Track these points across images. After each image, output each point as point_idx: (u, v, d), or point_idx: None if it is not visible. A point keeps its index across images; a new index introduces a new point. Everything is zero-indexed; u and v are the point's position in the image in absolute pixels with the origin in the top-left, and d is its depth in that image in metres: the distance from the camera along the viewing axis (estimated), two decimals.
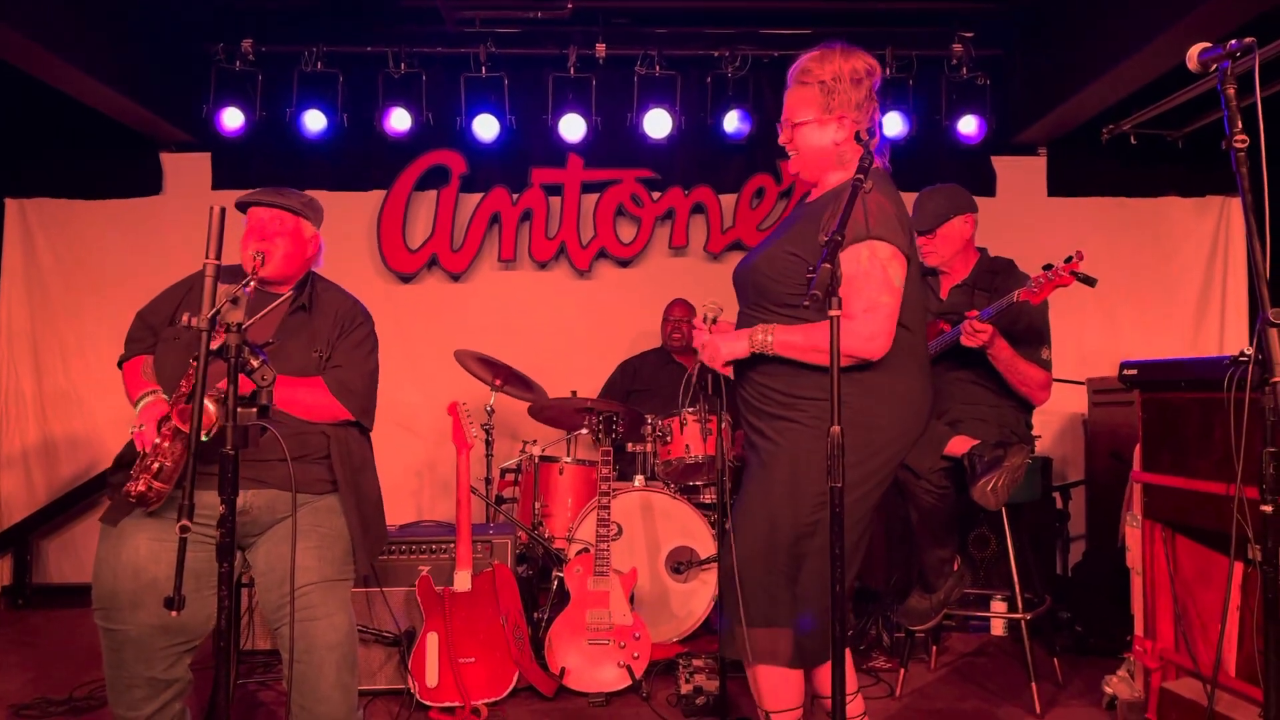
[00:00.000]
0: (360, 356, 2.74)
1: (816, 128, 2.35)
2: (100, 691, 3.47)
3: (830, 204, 2.26)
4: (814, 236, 2.24)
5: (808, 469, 2.20)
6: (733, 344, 2.33)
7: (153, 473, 2.28)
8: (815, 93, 2.33)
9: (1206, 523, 2.93)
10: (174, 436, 2.29)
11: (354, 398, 2.68)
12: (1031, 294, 3.11)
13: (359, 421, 2.73)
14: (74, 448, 5.42)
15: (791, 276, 2.28)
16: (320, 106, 5.15)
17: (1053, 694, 3.55)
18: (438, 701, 3.38)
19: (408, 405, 5.31)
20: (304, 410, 2.61)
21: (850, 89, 2.31)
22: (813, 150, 2.37)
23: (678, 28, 5.24)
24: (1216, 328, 5.54)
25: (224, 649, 1.78)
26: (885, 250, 2.20)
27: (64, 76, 4.45)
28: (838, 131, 2.33)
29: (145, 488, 2.29)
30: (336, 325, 2.74)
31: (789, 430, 2.27)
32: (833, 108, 2.32)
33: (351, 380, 2.68)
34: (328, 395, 2.64)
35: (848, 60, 2.33)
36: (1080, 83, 4.65)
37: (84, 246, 5.47)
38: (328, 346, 2.70)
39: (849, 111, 2.32)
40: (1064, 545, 4.96)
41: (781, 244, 2.36)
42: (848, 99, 2.31)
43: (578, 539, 3.99)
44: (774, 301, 2.33)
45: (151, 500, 2.32)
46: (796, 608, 2.24)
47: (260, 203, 2.74)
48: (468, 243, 5.48)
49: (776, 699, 2.32)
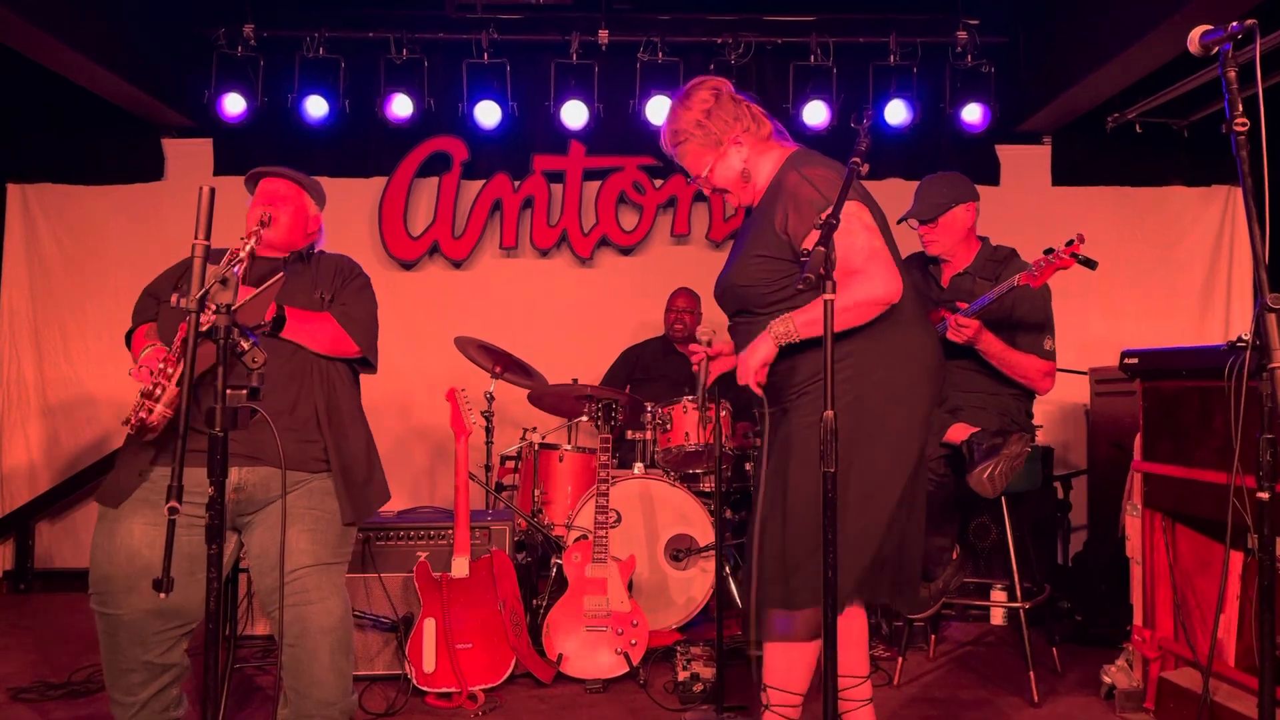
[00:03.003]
0: (364, 299, 2.83)
1: (722, 164, 2.42)
2: (98, 675, 3.47)
3: (775, 199, 2.32)
4: (773, 231, 2.29)
5: (852, 438, 2.18)
6: (756, 353, 2.29)
7: (154, 397, 2.30)
8: (696, 143, 2.41)
9: (1206, 512, 2.92)
10: (178, 361, 2.33)
11: (361, 331, 2.74)
12: (1032, 278, 3.09)
13: (365, 359, 2.77)
14: (75, 433, 5.43)
15: (767, 278, 2.33)
16: (322, 92, 5.14)
17: (1051, 683, 3.54)
18: (434, 687, 3.38)
19: (408, 392, 5.31)
20: (312, 339, 2.65)
21: (715, 114, 2.39)
22: (734, 179, 2.44)
23: (680, 14, 5.22)
24: (1221, 318, 5.51)
25: (213, 630, 1.77)
26: (851, 206, 2.23)
27: (66, 61, 4.45)
28: (737, 153, 2.41)
29: (146, 414, 2.31)
30: (338, 275, 2.83)
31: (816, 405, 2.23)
32: (720, 139, 2.39)
33: (357, 315, 2.75)
34: (336, 326, 2.69)
35: (691, 101, 2.41)
36: (1085, 70, 4.62)
37: (86, 232, 5.47)
38: (330, 289, 2.78)
39: (730, 130, 2.39)
40: (1065, 535, 4.94)
41: (747, 251, 2.40)
42: (722, 123, 2.39)
43: (577, 526, 3.98)
44: (758, 305, 2.37)
45: (152, 427, 2.33)
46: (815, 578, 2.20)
47: (270, 173, 2.84)
48: (469, 230, 5.47)
49: (780, 678, 2.34)
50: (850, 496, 2.19)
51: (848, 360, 2.23)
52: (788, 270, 2.29)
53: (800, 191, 2.26)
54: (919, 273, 3.65)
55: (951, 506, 3.34)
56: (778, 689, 2.33)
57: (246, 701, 3.38)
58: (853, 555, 2.21)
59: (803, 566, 2.22)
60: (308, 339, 2.64)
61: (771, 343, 2.27)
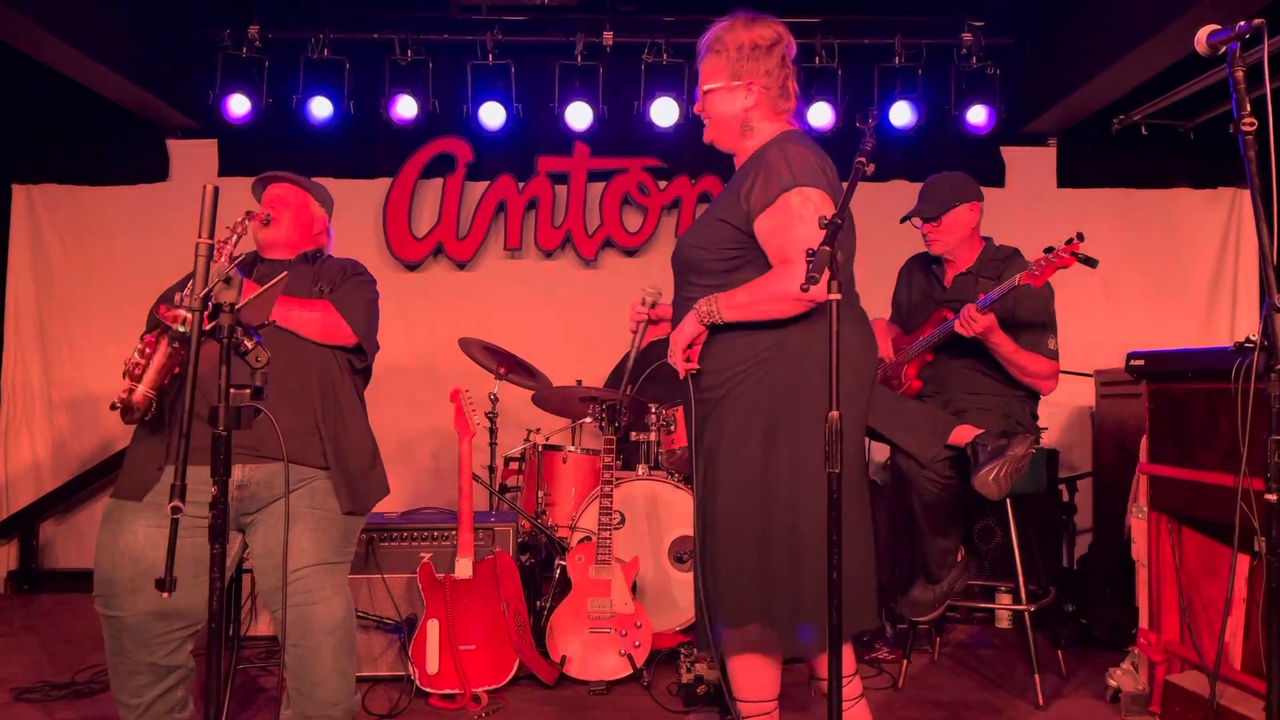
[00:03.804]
0: (364, 291, 2.83)
1: (725, 94, 2.36)
2: (101, 675, 3.49)
3: (751, 168, 2.27)
4: (738, 198, 2.24)
5: (773, 437, 2.18)
6: (682, 332, 2.28)
7: (134, 376, 2.32)
8: (723, 60, 2.35)
9: (1212, 515, 2.90)
10: (157, 339, 2.34)
11: (357, 318, 2.73)
12: (1033, 277, 3.08)
13: (361, 346, 2.76)
14: (80, 434, 5.43)
15: (718, 244, 2.28)
16: (327, 93, 5.14)
17: (1056, 686, 3.53)
18: (438, 688, 3.38)
19: (412, 392, 5.30)
20: (308, 326, 2.65)
21: (758, 56, 2.32)
22: (722, 117, 2.39)
23: (685, 15, 5.21)
24: (1227, 321, 5.49)
25: (216, 630, 1.77)
26: (815, 194, 2.17)
27: (71, 62, 4.45)
28: (746, 98, 2.34)
29: (127, 393, 2.32)
30: (340, 273, 2.85)
31: (741, 398, 2.22)
32: (740, 74, 2.33)
33: (354, 304, 2.75)
34: (333, 312, 2.69)
35: (752, 28, 2.35)
36: (1091, 73, 4.61)
37: (90, 233, 5.47)
38: (331, 285, 2.79)
39: (757, 78, 2.32)
40: (1070, 537, 4.93)
41: (710, 213, 2.37)
42: (756, 66, 2.32)
43: (580, 527, 3.98)
44: (702, 274, 2.31)
45: (135, 407, 2.33)
46: (784, 591, 2.18)
47: (277, 178, 2.87)
48: (473, 231, 5.47)
49: (747, 689, 2.31)
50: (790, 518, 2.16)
51: (773, 353, 2.19)
52: (738, 240, 2.25)
53: (774, 165, 2.21)
54: (922, 272, 3.65)
55: (957, 509, 3.33)
56: (749, 701, 2.31)
57: (250, 703, 3.37)
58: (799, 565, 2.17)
59: (736, 581, 2.19)
60: (300, 325, 2.64)
61: (696, 322, 2.25)
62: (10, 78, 4.95)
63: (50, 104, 5.26)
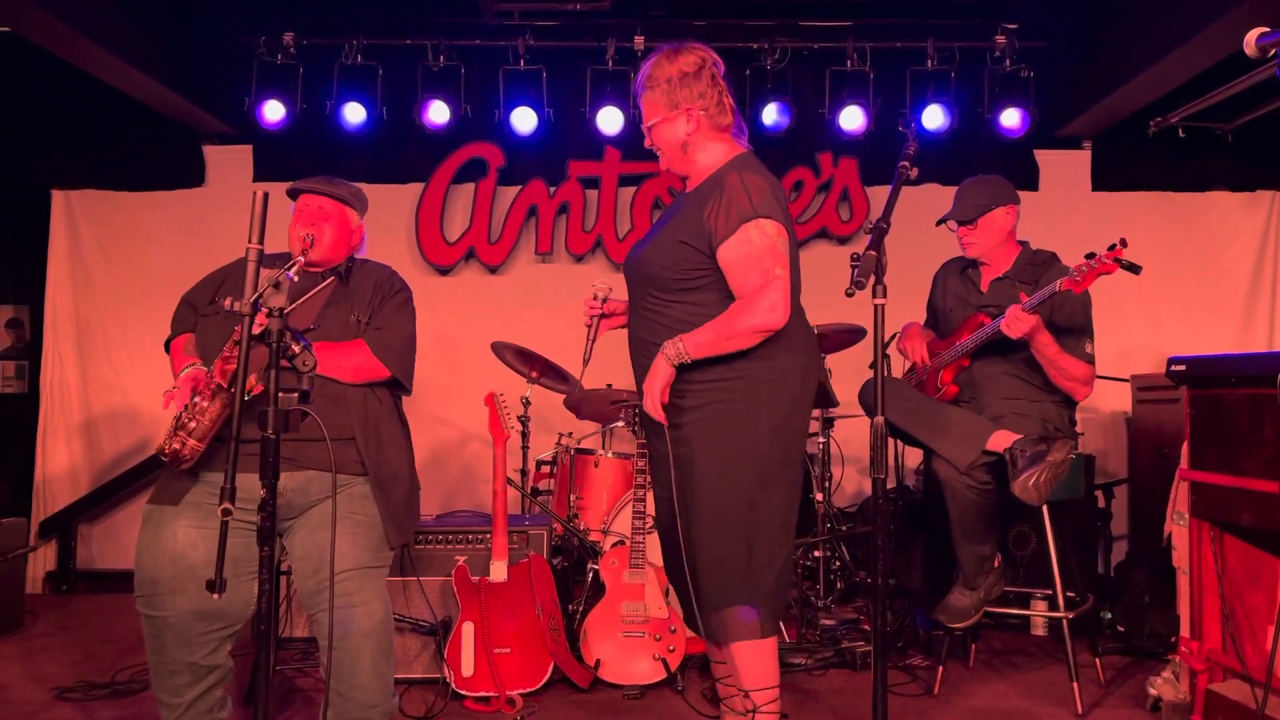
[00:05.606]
0: (402, 319, 2.80)
1: (667, 124, 2.50)
2: (141, 675, 3.53)
3: (710, 191, 2.40)
4: (700, 221, 2.37)
5: (735, 445, 2.38)
6: (657, 378, 2.40)
7: (189, 430, 2.33)
8: (658, 94, 2.49)
9: (1256, 522, 2.86)
10: (213, 395, 2.35)
11: (395, 357, 2.72)
12: (1075, 283, 3.05)
13: (399, 381, 2.75)
14: (117, 436, 5.50)
15: (682, 264, 2.41)
16: (360, 99, 5.19)
17: (1095, 694, 3.49)
18: (473, 691, 3.39)
19: (445, 397, 5.33)
20: (347, 373, 2.63)
21: (688, 82, 2.46)
22: (669, 145, 2.52)
23: (716, 20, 5.22)
24: (1266, 326, 5.43)
25: (264, 633, 1.78)
26: (771, 227, 2.33)
27: (108, 68, 4.52)
28: (687, 123, 2.47)
29: (180, 445, 2.34)
30: (376, 292, 2.80)
31: (703, 415, 2.41)
32: (677, 103, 2.47)
33: (393, 340, 2.73)
34: (369, 355, 2.67)
35: (676, 60, 2.49)
36: (1127, 75, 4.57)
37: (128, 237, 5.55)
38: (367, 310, 2.75)
39: (693, 103, 2.46)
40: (1106, 544, 4.88)
41: (669, 233, 2.48)
42: (689, 92, 2.46)
43: (613, 531, 3.98)
44: (663, 290, 2.45)
45: (185, 459, 2.36)
46: (758, 577, 2.37)
47: (311, 190, 2.80)
48: (505, 235, 5.50)
49: (757, 676, 2.37)
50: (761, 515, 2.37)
51: (743, 367, 2.36)
52: (701, 263, 2.38)
53: (736, 197, 2.34)
54: (957, 277, 3.62)
55: (995, 515, 3.30)
56: (761, 689, 2.36)
57: (288, 703, 3.40)
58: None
59: (740, 563, 2.36)
60: (343, 373, 2.62)
61: (667, 365, 2.38)
62: (49, 83, 5.03)
63: (89, 111, 5.34)
